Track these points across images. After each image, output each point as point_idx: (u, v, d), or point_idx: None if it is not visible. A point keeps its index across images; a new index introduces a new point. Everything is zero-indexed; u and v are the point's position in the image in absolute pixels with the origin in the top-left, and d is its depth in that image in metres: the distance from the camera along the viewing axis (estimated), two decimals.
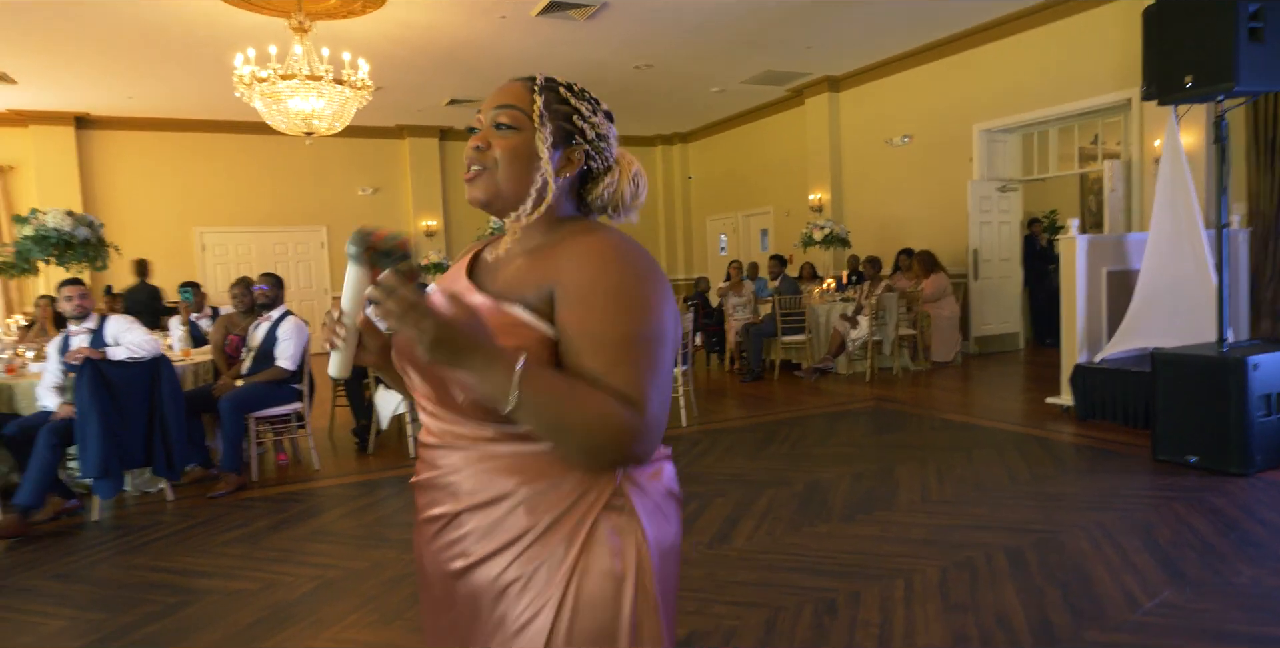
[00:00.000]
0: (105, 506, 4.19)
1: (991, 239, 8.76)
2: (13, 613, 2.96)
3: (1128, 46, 7.05)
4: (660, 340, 1.02)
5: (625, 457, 0.99)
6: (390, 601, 2.91)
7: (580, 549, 1.03)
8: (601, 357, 0.99)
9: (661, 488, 1.12)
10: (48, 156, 10.14)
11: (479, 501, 1.07)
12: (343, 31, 7.43)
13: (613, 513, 1.05)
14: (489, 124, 1.10)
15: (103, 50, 7.79)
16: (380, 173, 12.11)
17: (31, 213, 5.09)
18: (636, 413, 0.97)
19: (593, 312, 1.00)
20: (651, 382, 1.00)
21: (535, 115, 1.08)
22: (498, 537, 1.06)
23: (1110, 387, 5.13)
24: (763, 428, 5.57)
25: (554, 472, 1.05)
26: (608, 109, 1.16)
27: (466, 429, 1.08)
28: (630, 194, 1.17)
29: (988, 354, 8.63)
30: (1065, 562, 2.98)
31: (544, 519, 1.04)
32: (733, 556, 3.19)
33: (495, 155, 1.09)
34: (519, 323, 1.03)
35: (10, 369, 4.70)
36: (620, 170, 1.16)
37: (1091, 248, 5.60)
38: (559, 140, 1.10)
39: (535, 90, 1.09)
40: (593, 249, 1.04)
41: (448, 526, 1.10)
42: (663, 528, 1.09)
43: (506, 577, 1.05)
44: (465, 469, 1.08)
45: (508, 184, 1.09)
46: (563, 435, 0.97)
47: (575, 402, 0.95)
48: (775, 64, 9.59)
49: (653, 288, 1.03)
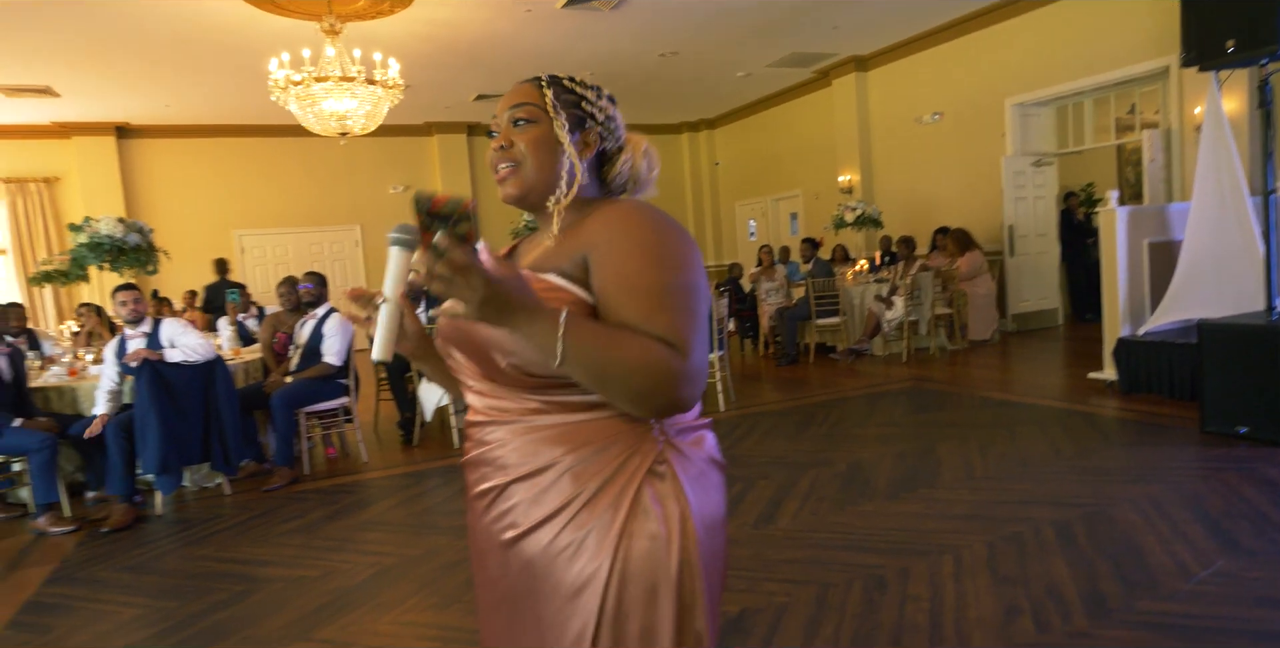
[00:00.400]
0: (167, 501, 4.35)
1: (1027, 215, 8.63)
2: (89, 603, 3.11)
3: (1164, 13, 6.88)
4: (695, 291, 1.05)
5: (672, 401, 1.01)
6: (447, 585, 3.00)
7: (627, 514, 1.06)
8: (640, 306, 1.02)
9: (703, 455, 1.15)
10: (91, 166, 10.43)
11: (526, 471, 1.11)
12: (372, 32, 7.53)
13: (655, 479, 1.08)
14: (507, 124, 1.17)
15: (140, 60, 7.98)
16: (410, 170, 12.26)
17: (85, 221, 5.26)
18: (680, 356, 1.00)
19: (627, 265, 1.04)
20: (692, 326, 1.02)
21: (549, 106, 1.16)
22: (546, 505, 1.09)
23: (1155, 360, 5.06)
24: (801, 411, 5.59)
25: (598, 440, 1.08)
26: (610, 94, 1.24)
27: (510, 403, 1.12)
28: (646, 168, 1.25)
29: (1026, 331, 8.52)
30: (1115, 534, 2.97)
31: (590, 485, 1.07)
32: (779, 535, 3.23)
33: (520, 150, 1.15)
34: (554, 287, 1.07)
35: (72, 372, 4.88)
36: (633, 148, 1.24)
37: (1132, 219, 5.51)
38: (575, 125, 1.17)
39: (543, 85, 1.18)
40: (621, 213, 1.09)
41: (497, 498, 1.14)
42: (705, 494, 1.12)
43: (558, 544, 1.08)
44: (511, 442, 1.12)
45: (537, 174, 1.15)
46: (611, 382, 0.99)
47: (620, 347, 0.98)
48: (801, 46, 9.50)
49: (683, 245, 1.07)
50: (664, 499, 1.07)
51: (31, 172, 10.31)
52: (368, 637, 2.63)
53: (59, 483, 4.18)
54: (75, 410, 4.73)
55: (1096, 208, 9.59)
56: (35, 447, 4.08)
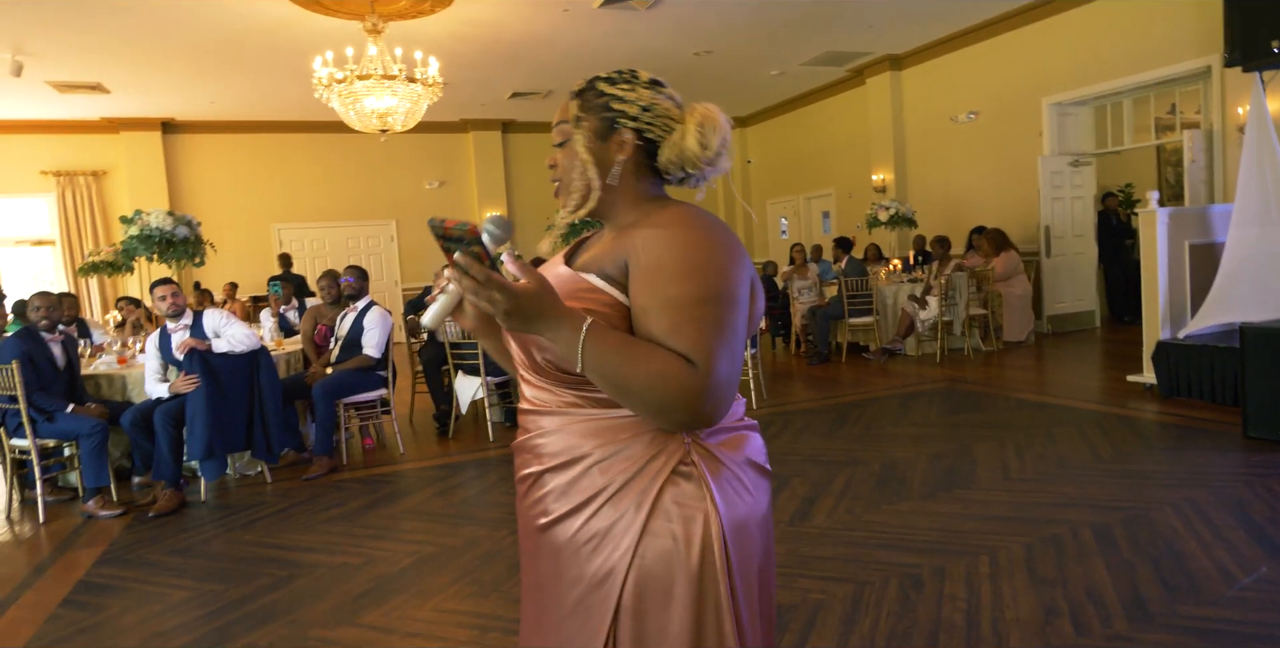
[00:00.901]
0: (210, 487, 4.46)
1: (1064, 215, 8.52)
2: (140, 584, 3.21)
3: (1206, 12, 6.76)
4: (730, 303, 1.04)
5: (692, 416, 1.01)
6: (486, 574, 3.05)
7: (649, 513, 1.08)
8: (667, 318, 1.02)
9: (740, 458, 1.15)
10: (138, 160, 10.69)
11: (559, 462, 1.14)
12: (413, 31, 7.62)
13: (681, 480, 1.08)
14: (555, 144, 1.22)
15: (188, 58, 8.16)
16: (446, 166, 12.39)
17: (136, 214, 5.41)
18: (700, 372, 0.99)
19: (661, 274, 1.04)
20: (717, 342, 1.01)
21: (572, 121, 1.18)
22: (574, 496, 1.13)
23: (1196, 363, 4.98)
24: (834, 410, 5.58)
25: (625, 436, 1.10)
26: (652, 79, 1.18)
27: (550, 395, 1.16)
28: (700, 145, 1.14)
29: (1062, 333, 8.41)
30: (1155, 538, 2.95)
31: (616, 481, 1.10)
32: (814, 533, 3.24)
33: (561, 169, 1.21)
34: (591, 287, 1.09)
35: (122, 360, 5.03)
36: (685, 127, 1.15)
37: (1173, 221, 5.42)
38: (604, 131, 1.16)
39: (573, 96, 1.20)
40: (665, 219, 1.09)
41: (533, 484, 1.18)
42: (739, 498, 1.12)
43: (583, 535, 1.11)
44: (551, 432, 1.16)
45: (579, 189, 1.19)
46: (629, 395, 1.01)
47: (636, 361, 0.99)
48: (835, 45, 9.46)
49: (725, 253, 1.06)
50: (686, 501, 1.08)
51: (81, 165, 10.59)
52: (410, 623, 2.69)
53: (108, 468, 4.31)
54: (124, 397, 4.87)
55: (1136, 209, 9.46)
56: (86, 432, 4.21)
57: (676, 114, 1.17)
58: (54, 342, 4.49)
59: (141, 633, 2.75)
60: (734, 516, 1.10)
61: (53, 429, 4.27)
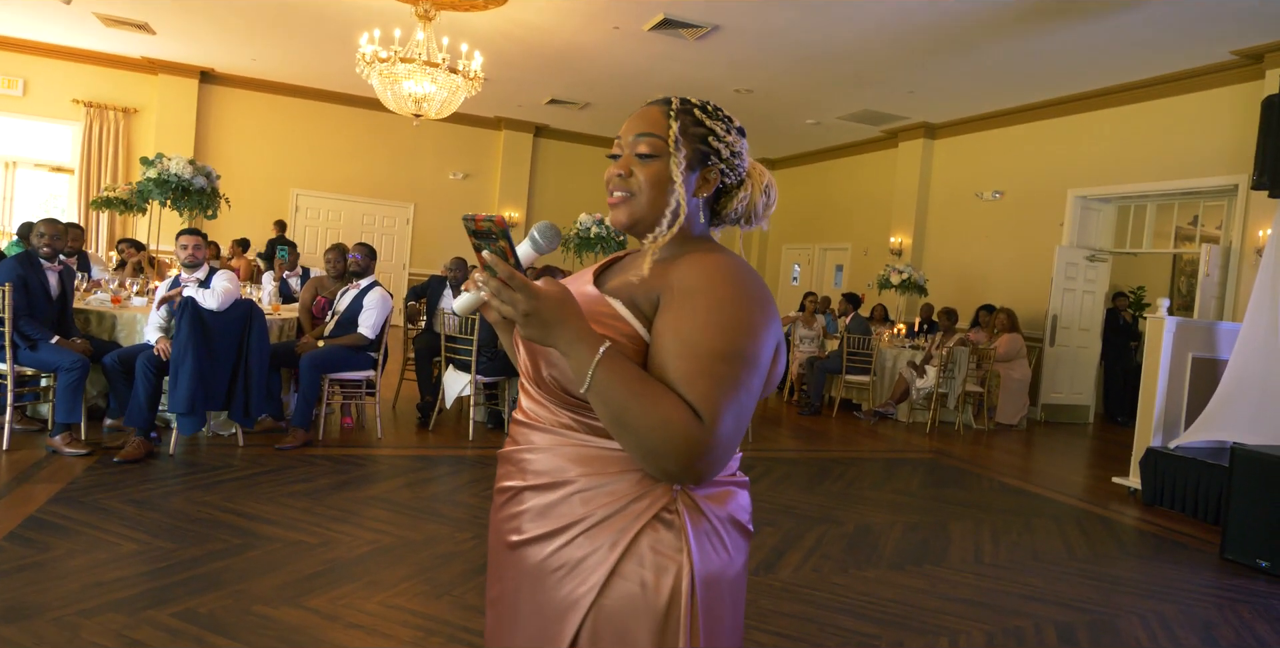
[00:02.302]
0: (180, 441, 4.39)
1: (1073, 307, 8.57)
2: (90, 529, 3.13)
3: (1240, 132, 6.88)
4: (751, 364, 1.01)
5: (684, 469, 0.98)
6: (442, 575, 2.99)
7: (622, 553, 1.04)
8: (686, 364, 0.99)
9: (724, 513, 1.11)
10: (170, 105, 10.68)
11: (542, 482, 1.11)
12: (463, 23, 7.67)
13: (661, 526, 1.05)
14: (630, 152, 1.15)
15: (240, 13, 8.18)
16: (473, 160, 12.41)
17: (158, 157, 5.37)
18: (704, 428, 0.96)
19: (690, 319, 1.01)
20: (730, 401, 0.98)
21: (671, 140, 1.13)
22: (551, 520, 1.09)
23: (1182, 475, 4.96)
24: (817, 463, 5.54)
25: (613, 470, 1.07)
26: (740, 126, 1.20)
27: (547, 411, 1.13)
28: (763, 205, 1.21)
29: (1054, 423, 8.41)
30: (1119, 647, 2.90)
31: (595, 514, 1.06)
32: (777, 586, 3.19)
33: (639, 183, 1.14)
34: (614, 314, 1.06)
35: (115, 300, 4.97)
36: (753, 183, 1.20)
37: (1180, 331, 5.43)
38: (696, 162, 1.14)
39: (671, 116, 1.14)
40: (707, 265, 1.06)
41: (511, 499, 1.15)
42: (715, 554, 1.08)
43: (553, 561, 1.08)
44: (541, 450, 1.12)
45: (650, 210, 1.14)
46: (627, 430, 0.98)
47: (644, 399, 0.96)
48: (874, 104, 9.57)
49: (758, 312, 1.04)
50: (663, 549, 1.05)
51: (113, 100, 10.57)
52: (355, 614, 2.62)
53: (82, 406, 4.23)
54: (112, 337, 4.80)
55: (1144, 313, 9.53)
56: (66, 365, 4.14)
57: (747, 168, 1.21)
58: (51, 270, 4.43)
59: (82, 579, 2.68)
60: (708, 571, 1.06)
61: (33, 358, 4.20)
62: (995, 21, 6.58)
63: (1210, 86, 7.22)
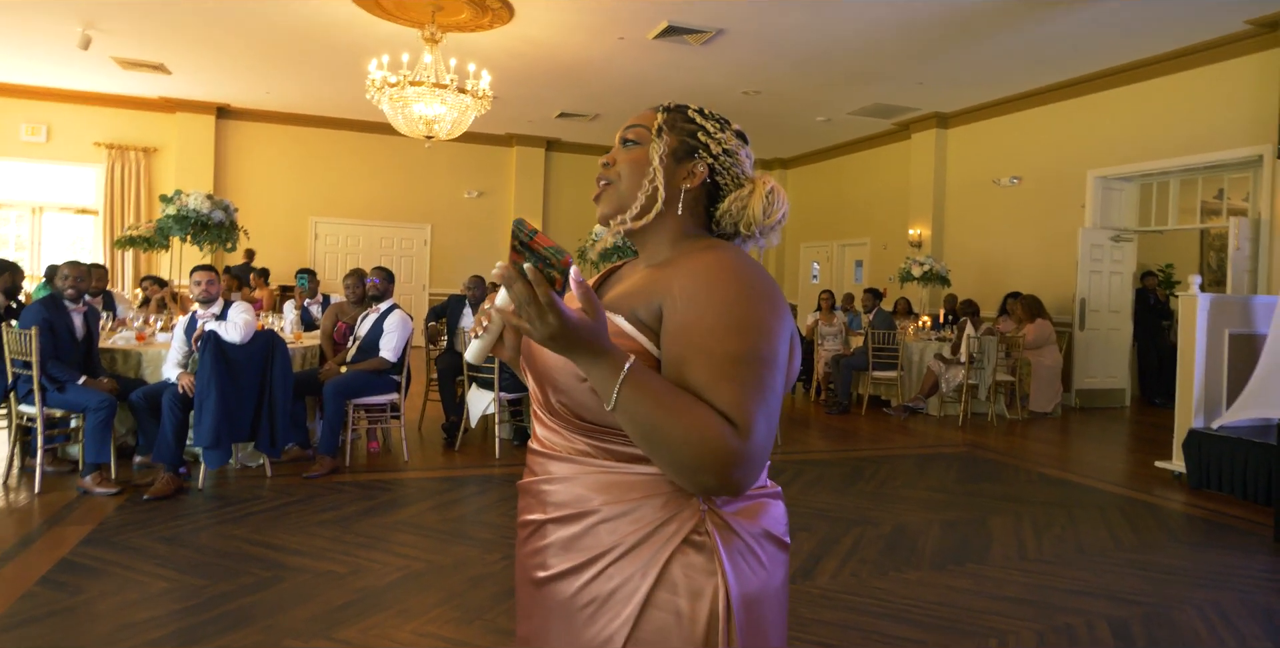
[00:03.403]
0: (209, 475, 4.41)
1: (1101, 289, 8.38)
2: (122, 569, 3.14)
3: (1261, 102, 6.71)
4: (771, 363, 0.97)
5: (722, 482, 0.93)
6: (473, 599, 2.95)
7: (655, 581, 1.00)
8: (706, 372, 0.94)
9: (757, 529, 1.06)
10: (189, 142, 10.88)
11: (564, 514, 1.07)
12: (469, 43, 7.72)
13: (691, 549, 1.01)
14: (617, 143, 1.16)
15: (251, 48, 8.31)
16: (486, 178, 12.48)
17: (175, 194, 5.44)
18: (739, 436, 0.91)
19: (700, 325, 0.96)
20: (758, 405, 0.94)
21: (654, 129, 1.13)
22: (576, 554, 1.05)
23: (1229, 456, 4.79)
24: (849, 463, 5.44)
25: (637, 496, 1.03)
26: (739, 129, 1.17)
27: (562, 439, 1.08)
28: (763, 213, 1.12)
29: (1090, 409, 8.22)
30: (1176, 640, 2.79)
31: (624, 543, 1.02)
32: (816, 594, 3.11)
33: (619, 169, 1.13)
34: (619, 331, 1.01)
35: (140, 337, 5.03)
36: (754, 188, 1.14)
37: (1214, 307, 5.27)
38: (681, 153, 1.12)
39: (661, 111, 1.15)
40: (707, 265, 1.01)
41: (534, 534, 1.11)
42: (752, 572, 1.04)
43: (583, 597, 1.04)
44: (560, 480, 1.08)
45: (630, 194, 1.12)
46: (659, 447, 0.93)
47: (678, 412, 0.91)
48: (884, 97, 9.47)
49: (768, 308, 0.99)
50: (696, 573, 1.00)
51: (133, 140, 10.78)
52: (387, 644, 2.59)
53: (111, 445, 4.28)
54: (138, 375, 4.85)
55: (1175, 290, 9.29)
56: (94, 406, 4.18)
57: (749, 173, 1.16)
58: (76, 312, 4.49)
59: (113, 622, 2.68)
60: (746, 592, 1.02)
61: (62, 400, 4.25)
62: (1002, 6, 6.48)
63: (1226, 58, 7.05)
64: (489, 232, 12.48)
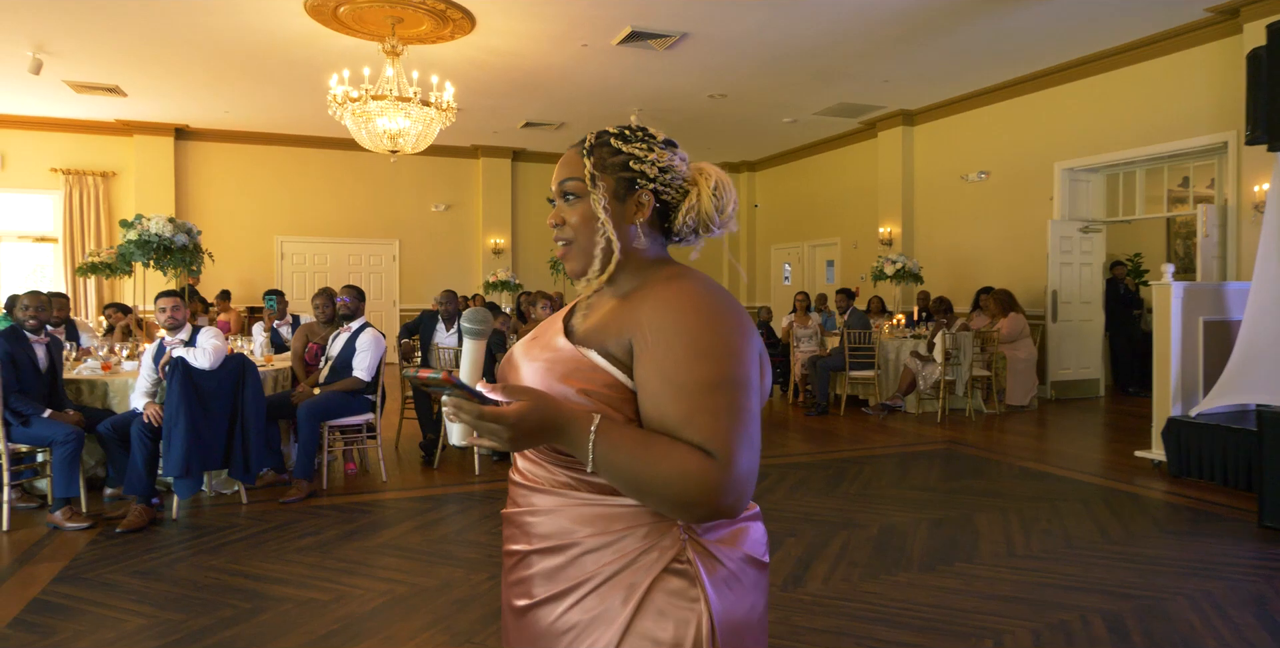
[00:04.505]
0: (182, 505, 4.29)
1: (1072, 281, 8.48)
2: (96, 607, 3.03)
3: (1225, 89, 6.82)
4: (744, 387, 0.99)
5: (714, 511, 0.95)
6: (460, 622, 2.88)
7: (635, 609, 1.01)
8: (681, 405, 0.96)
9: (738, 554, 1.07)
10: (147, 164, 10.67)
11: (548, 545, 1.08)
12: (431, 55, 7.65)
13: (673, 577, 1.02)
14: (559, 198, 1.14)
15: (207, 68, 8.17)
16: (453, 191, 12.38)
17: (136, 218, 5.31)
18: (720, 465, 0.94)
19: (668, 359, 0.98)
20: (736, 430, 0.96)
21: (587, 178, 1.11)
22: (559, 582, 1.06)
23: (1208, 443, 4.85)
24: (832, 465, 5.43)
25: (620, 527, 1.04)
26: (666, 139, 1.15)
27: (544, 471, 1.10)
28: (715, 208, 1.13)
29: (1065, 400, 8.31)
30: (1172, 633, 2.79)
31: (604, 572, 1.03)
32: (808, 600, 3.08)
33: (573, 225, 1.13)
34: (593, 366, 1.03)
35: (105, 366, 4.88)
36: (699, 190, 1.13)
37: (1188, 295, 5.34)
38: (622, 191, 1.11)
39: (585, 152, 1.12)
40: (670, 296, 1.03)
41: (518, 563, 1.12)
42: (736, 598, 1.05)
43: (563, 623, 1.05)
44: (544, 513, 1.09)
45: (589, 251, 1.12)
46: (646, 493, 0.96)
47: (653, 458, 0.94)
48: (850, 96, 9.54)
49: (733, 332, 1.00)
50: (680, 600, 1.01)
51: (91, 165, 10.56)
52: None
53: (80, 478, 4.14)
54: (105, 405, 4.71)
55: (1147, 279, 9.44)
56: (61, 439, 4.05)
57: (688, 175, 1.15)
58: (39, 343, 4.35)
59: None
60: (729, 619, 1.03)
61: (27, 434, 4.12)
62: (962, 1, 6.54)
63: (1188, 46, 7.17)
64: (458, 245, 12.38)
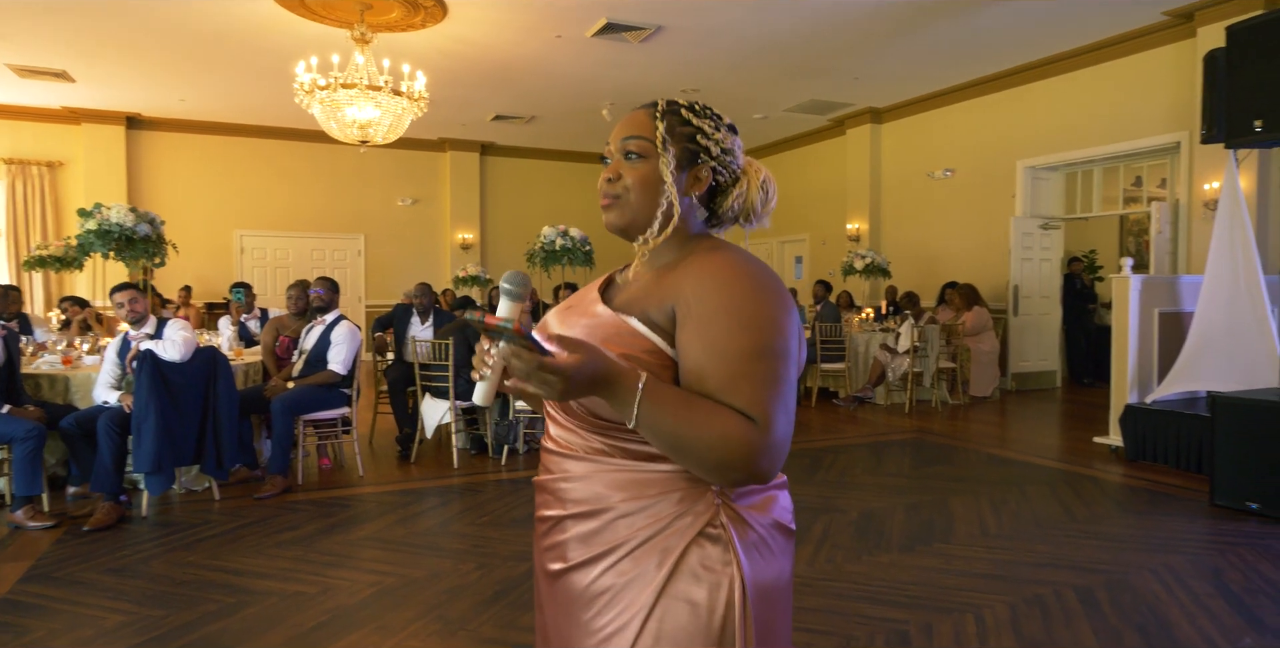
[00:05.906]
0: (152, 502, 4.20)
1: (1032, 276, 8.73)
2: (70, 605, 2.95)
3: (1180, 90, 7.07)
4: (784, 356, 1.02)
5: (750, 474, 0.98)
6: (453, 611, 2.88)
7: (670, 573, 1.03)
8: (722, 372, 0.99)
9: (768, 520, 1.10)
10: (97, 154, 10.32)
11: (583, 510, 1.10)
12: (401, 44, 7.54)
13: (707, 542, 1.04)
14: (619, 155, 1.15)
15: (162, 53, 7.93)
16: (420, 184, 12.23)
17: (95, 207, 5.14)
18: (759, 430, 0.97)
19: (713, 327, 1.00)
20: (775, 398, 0.99)
21: (659, 141, 1.12)
22: (593, 546, 1.08)
23: (1163, 428, 5.05)
24: (806, 454, 5.52)
25: (654, 492, 1.06)
26: (730, 123, 1.19)
27: (579, 438, 1.11)
28: (760, 201, 1.19)
29: (1025, 391, 8.54)
30: (1139, 603, 2.92)
31: (639, 536, 1.05)
32: (797, 582, 3.10)
33: (627, 184, 1.13)
34: (633, 332, 1.05)
35: (66, 360, 4.74)
36: (749, 179, 1.19)
37: (1145, 288, 5.55)
38: (685, 162, 1.14)
39: (658, 116, 1.14)
40: (715, 267, 1.05)
41: (553, 528, 1.14)
42: (765, 563, 1.08)
43: (598, 586, 1.07)
44: (578, 478, 1.11)
45: (641, 211, 1.14)
46: (686, 453, 0.97)
47: (695, 420, 0.96)
48: (820, 93, 9.66)
49: (775, 304, 1.03)
50: (712, 565, 1.04)
51: (35, 154, 10.18)
52: None
53: (42, 476, 4.02)
54: (66, 400, 4.58)
55: (1104, 274, 9.74)
56: (21, 436, 3.93)
57: (742, 165, 1.19)
58: None
59: None
60: (760, 582, 1.07)
61: None
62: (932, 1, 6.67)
63: (1145, 48, 7.41)
64: (425, 240, 12.24)
